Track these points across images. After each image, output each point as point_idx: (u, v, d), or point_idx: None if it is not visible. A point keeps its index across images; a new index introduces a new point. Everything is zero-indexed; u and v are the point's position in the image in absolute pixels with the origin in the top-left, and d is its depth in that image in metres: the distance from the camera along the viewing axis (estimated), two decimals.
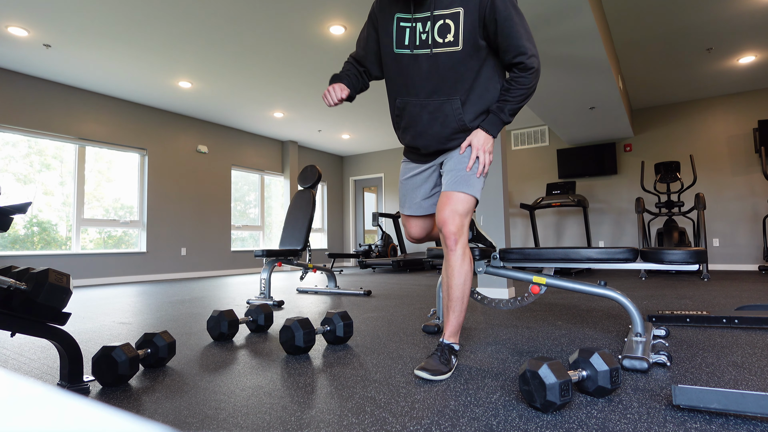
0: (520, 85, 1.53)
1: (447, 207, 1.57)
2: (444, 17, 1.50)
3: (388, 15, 1.61)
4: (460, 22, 1.49)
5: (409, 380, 1.46)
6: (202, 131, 7.21)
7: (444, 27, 1.51)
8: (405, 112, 1.64)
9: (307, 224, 3.87)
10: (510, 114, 1.56)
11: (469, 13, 1.48)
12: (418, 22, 1.54)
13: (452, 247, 1.56)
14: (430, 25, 1.52)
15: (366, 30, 1.71)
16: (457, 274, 1.55)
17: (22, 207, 1.26)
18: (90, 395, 1.39)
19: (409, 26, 1.56)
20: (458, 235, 1.55)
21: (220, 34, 4.35)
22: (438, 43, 1.52)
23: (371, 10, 1.70)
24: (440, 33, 1.51)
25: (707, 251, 3.32)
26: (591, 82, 4.84)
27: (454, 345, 1.56)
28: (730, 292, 3.65)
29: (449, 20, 1.50)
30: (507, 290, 3.64)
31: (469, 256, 1.58)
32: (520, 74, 1.52)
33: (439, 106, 1.58)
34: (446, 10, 1.50)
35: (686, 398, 1.11)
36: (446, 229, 1.56)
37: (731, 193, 6.36)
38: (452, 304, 1.57)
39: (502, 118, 1.56)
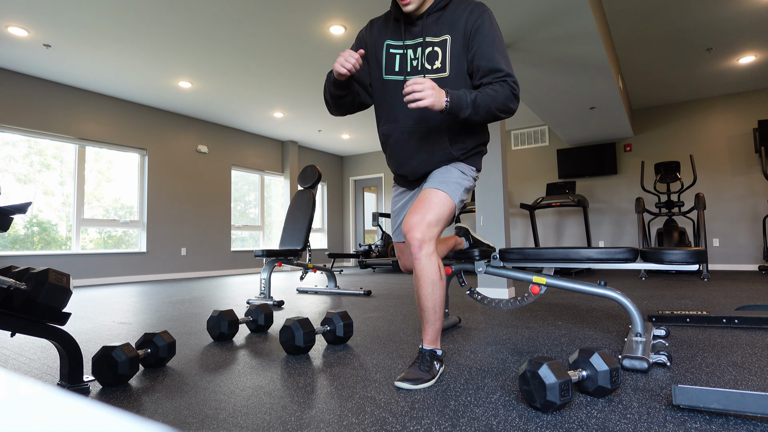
0: (492, 90, 1.43)
1: (417, 213, 1.49)
2: (433, 44, 1.52)
3: (378, 41, 1.62)
4: (447, 49, 1.51)
5: None
6: (202, 131, 7.21)
7: (432, 54, 1.53)
8: (391, 138, 1.63)
9: (307, 224, 3.87)
10: (473, 103, 1.40)
11: (455, 40, 1.50)
12: (408, 48, 1.56)
13: (416, 255, 1.46)
14: (420, 51, 1.54)
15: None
16: (425, 284, 1.47)
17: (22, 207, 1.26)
18: (90, 395, 1.39)
19: (400, 53, 1.57)
20: (423, 242, 1.45)
21: (221, 34, 4.35)
22: (427, 69, 1.53)
23: (358, 36, 1.70)
24: (429, 60, 1.53)
25: (707, 251, 3.32)
26: (591, 82, 4.84)
27: (436, 350, 1.49)
28: (730, 292, 3.65)
29: (437, 47, 1.52)
30: (507, 290, 3.64)
31: (437, 264, 1.48)
32: (500, 84, 1.45)
33: (426, 133, 1.56)
34: (435, 38, 1.52)
35: (686, 398, 1.11)
36: (410, 235, 1.47)
37: (731, 193, 6.36)
38: (425, 314, 1.49)
39: (467, 99, 1.39)
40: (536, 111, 5.83)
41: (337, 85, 1.56)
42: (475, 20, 1.49)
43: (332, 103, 1.64)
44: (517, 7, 3.28)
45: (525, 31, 3.66)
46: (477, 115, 1.43)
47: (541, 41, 3.85)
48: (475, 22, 1.49)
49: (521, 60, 4.27)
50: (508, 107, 1.46)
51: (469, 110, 1.41)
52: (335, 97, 1.61)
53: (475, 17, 1.49)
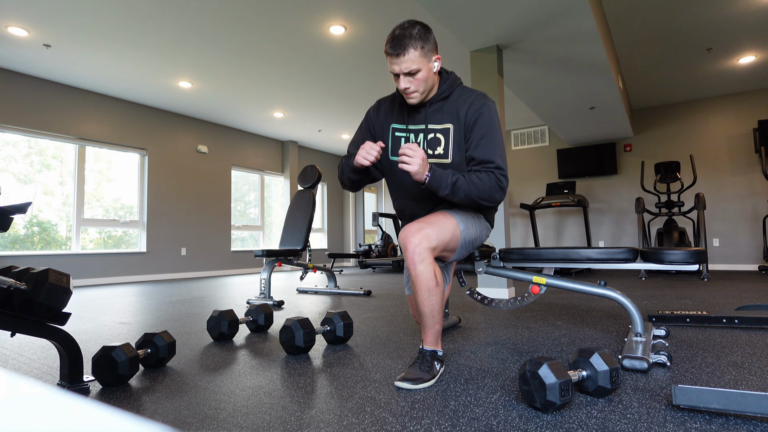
0: (480, 180, 1.49)
1: (418, 223, 1.51)
2: (435, 131, 1.60)
3: (385, 123, 1.71)
4: (450, 137, 1.58)
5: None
6: (202, 131, 7.21)
7: (435, 140, 1.60)
8: (405, 211, 1.75)
9: (307, 224, 3.87)
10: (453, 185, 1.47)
11: (457, 129, 1.58)
12: (411, 133, 1.64)
13: (410, 259, 1.46)
14: (422, 136, 1.62)
15: (362, 133, 1.78)
16: (419, 290, 1.47)
17: (22, 207, 1.26)
18: (90, 395, 1.39)
19: (404, 136, 1.66)
20: (417, 248, 1.45)
21: (221, 34, 4.35)
22: (429, 155, 1.61)
23: (367, 115, 1.78)
24: (431, 145, 1.61)
25: (707, 251, 3.32)
26: (591, 82, 4.84)
27: (436, 351, 1.50)
28: (730, 292, 3.65)
29: (440, 135, 1.60)
30: (507, 290, 3.64)
31: (433, 270, 1.47)
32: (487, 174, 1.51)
33: (434, 205, 1.67)
34: (438, 125, 1.60)
35: (686, 398, 1.11)
36: (406, 241, 1.48)
37: (731, 193, 6.36)
38: (424, 320, 1.50)
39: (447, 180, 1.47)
40: (536, 111, 5.83)
41: (356, 171, 1.65)
42: (475, 111, 1.56)
43: (349, 185, 1.74)
44: (517, 7, 3.28)
45: (525, 31, 3.66)
46: (455, 196, 1.50)
47: (541, 41, 3.85)
48: (476, 113, 1.55)
49: (521, 60, 4.27)
50: (491, 197, 1.52)
51: (448, 191, 1.48)
52: (354, 181, 1.71)
53: (476, 108, 1.56)
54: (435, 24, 4.22)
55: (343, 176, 1.72)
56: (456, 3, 3.21)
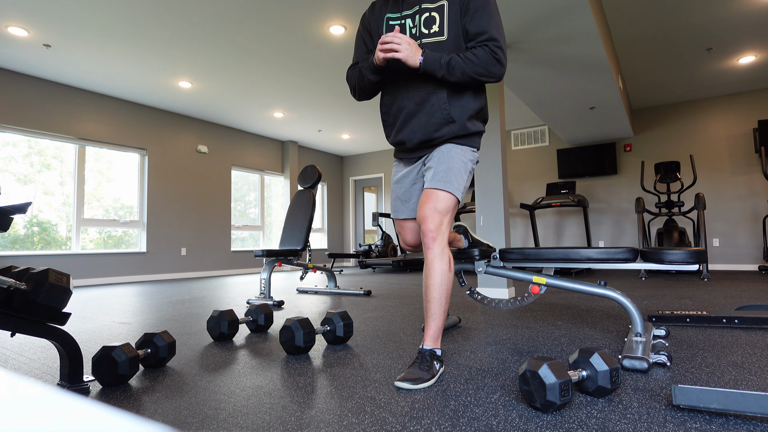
0: (475, 55, 1.48)
1: (427, 204, 1.54)
2: (430, 10, 1.58)
3: (379, 17, 1.69)
4: (444, 13, 1.56)
5: None
6: (202, 131, 7.21)
7: (430, 19, 1.58)
8: (393, 106, 1.66)
9: (307, 224, 3.87)
10: (448, 65, 1.47)
11: (452, 4, 1.55)
12: (407, 18, 1.62)
13: (429, 245, 1.51)
14: (417, 18, 1.60)
15: (360, 37, 1.75)
16: (434, 274, 1.50)
17: (22, 207, 1.26)
18: (90, 395, 1.39)
19: (398, 23, 1.63)
20: (436, 233, 1.51)
21: (221, 34, 4.35)
22: (424, 34, 1.58)
23: (362, 19, 1.76)
24: (426, 24, 1.58)
25: (707, 251, 3.32)
26: (591, 82, 4.84)
27: (435, 350, 1.50)
28: (730, 292, 3.65)
29: (435, 12, 1.57)
30: (507, 290, 3.64)
31: (448, 256, 1.53)
32: (482, 48, 1.49)
33: (426, 96, 1.58)
34: (432, 4, 1.58)
35: (686, 398, 1.11)
36: (425, 226, 1.52)
37: (731, 193, 6.36)
38: (430, 306, 1.51)
39: (441, 60, 1.47)
40: (536, 111, 5.83)
41: (377, 71, 1.59)
42: None
43: (368, 89, 1.67)
44: (517, 7, 3.28)
45: (525, 31, 3.66)
46: (452, 76, 1.49)
47: (541, 41, 3.85)
48: None
49: (521, 60, 4.27)
50: (489, 71, 1.49)
51: (443, 70, 1.48)
52: (373, 83, 1.64)
53: None
54: None
55: (362, 81, 1.65)
56: None
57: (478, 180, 3.91)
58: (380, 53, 1.49)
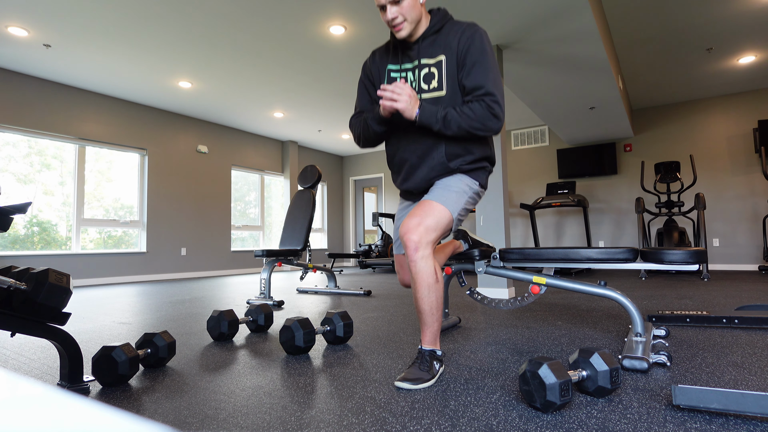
0: (471, 110, 1.48)
1: (415, 217, 1.50)
2: (429, 66, 1.59)
3: (381, 67, 1.71)
4: (443, 69, 1.57)
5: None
6: (202, 131, 7.21)
7: (429, 75, 1.59)
8: (396, 157, 1.70)
9: (307, 224, 3.87)
10: (444, 119, 1.48)
11: (450, 60, 1.56)
12: (407, 71, 1.64)
13: (411, 256, 1.46)
14: (417, 73, 1.61)
15: (363, 85, 1.77)
16: (421, 288, 1.47)
17: (22, 207, 1.26)
18: (90, 395, 1.39)
19: (398, 76, 1.65)
20: (419, 244, 1.45)
21: (221, 34, 4.35)
22: (424, 89, 1.60)
23: (364, 68, 1.78)
24: (425, 80, 1.60)
25: (707, 251, 3.32)
26: (591, 82, 4.84)
27: (435, 350, 1.50)
28: (730, 292, 3.65)
29: (433, 68, 1.58)
30: (507, 290, 3.64)
31: (434, 267, 1.48)
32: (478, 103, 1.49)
33: (427, 150, 1.61)
34: (431, 59, 1.59)
35: (686, 398, 1.11)
36: (407, 237, 1.47)
37: (731, 193, 6.36)
38: (423, 317, 1.49)
39: (437, 114, 1.49)
40: (536, 111, 5.83)
41: (382, 122, 1.62)
42: (467, 39, 1.54)
43: (374, 138, 1.70)
44: (517, 7, 3.28)
45: (525, 31, 3.66)
46: (448, 130, 1.50)
47: (541, 41, 3.85)
48: (467, 41, 1.54)
49: (521, 60, 4.27)
50: (485, 126, 1.50)
51: (439, 124, 1.50)
52: (379, 133, 1.67)
53: (467, 37, 1.54)
54: None
55: (367, 131, 1.67)
56: (456, 3, 3.21)
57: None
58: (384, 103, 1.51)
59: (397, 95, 1.47)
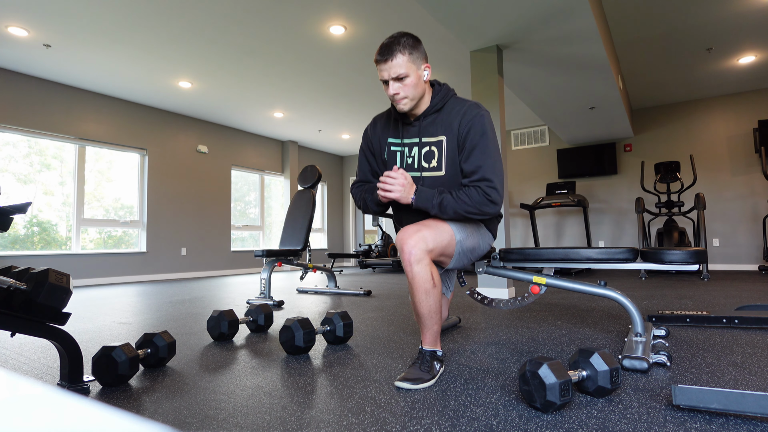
0: (467, 195, 1.50)
1: (415, 225, 1.52)
2: (429, 144, 1.61)
3: (382, 139, 1.72)
4: (443, 150, 1.58)
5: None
6: (202, 131, 7.21)
7: (429, 153, 1.61)
8: (403, 222, 1.75)
9: (307, 224, 3.87)
10: (440, 205, 1.51)
11: (450, 141, 1.58)
12: (406, 147, 1.65)
13: (408, 262, 1.46)
14: (417, 150, 1.63)
15: (363, 154, 1.80)
16: (416, 292, 1.47)
17: (22, 207, 1.26)
18: (90, 395, 1.39)
19: (399, 150, 1.67)
20: (415, 249, 1.45)
21: (221, 34, 4.35)
22: (424, 168, 1.62)
23: (365, 135, 1.79)
24: (426, 158, 1.62)
25: (707, 251, 3.32)
26: (591, 82, 4.84)
27: (436, 351, 1.50)
28: (730, 292, 3.65)
29: (434, 147, 1.60)
30: (507, 290, 3.64)
31: (431, 272, 1.48)
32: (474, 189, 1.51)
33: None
34: (432, 138, 1.60)
35: (686, 398, 1.11)
36: (403, 242, 1.48)
37: (731, 193, 6.36)
38: (422, 320, 1.50)
39: (433, 200, 1.52)
40: (536, 111, 5.83)
41: (382, 205, 1.67)
42: (467, 122, 1.55)
43: (373, 214, 1.76)
44: (517, 7, 3.28)
45: (525, 31, 3.66)
46: (444, 214, 1.53)
47: (541, 41, 3.85)
48: (468, 123, 1.55)
49: (521, 60, 4.27)
50: (481, 210, 1.52)
51: (435, 210, 1.53)
52: (377, 212, 1.73)
53: (468, 119, 1.55)
54: (435, 24, 4.22)
55: (367, 209, 1.75)
56: (456, 3, 3.21)
57: None
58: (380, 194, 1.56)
59: (389, 186, 1.51)
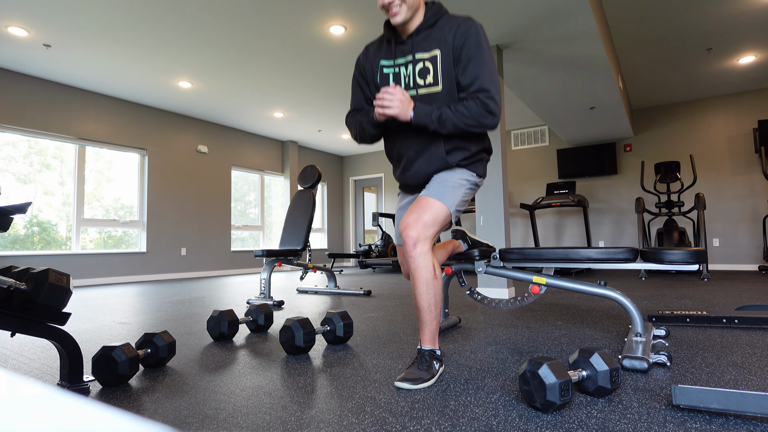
0: (465, 108, 1.47)
1: (413, 213, 1.52)
2: (423, 60, 1.57)
3: (374, 63, 1.68)
4: (438, 64, 1.54)
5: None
6: (202, 131, 7.21)
7: (424, 70, 1.57)
8: (393, 151, 1.71)
9: (307, 224, 3.87)
10: (439, 119, 1.48)
11: (445, 54, 1.53)
12: (400, 66, 1.62)
13: (410, 252, 1.48)
14: (411, 67, 1.59)
15: (356, 82, 1.76)
16: (419, 283, 1.48)
17: (22, 207, 1.26)
18: (90, 395, 1.39)
19: (392, 71, 1.63)
20: (418, 240, 1.47)
21: (221, 34, 4.35)
22: (419, 84, 1.58)
23: (357, 63, 1.75)
24: (420, 75, 1.58)
25: (707, 251, 3.32)
26: (591, 82, 4.84)
27: (435, 350, 1.50)
28: (730, 292, 3.65)
29: (428, 63, 1.56)
30: (507, 290, 3.64)
31: (432, 263, 1.49)
32: (472, 101, 1.48)
33: (425, 145, 1.61)
34: (425, 53, 1.56)
35: (686, 398, 1.11)
36: (405, 233, 1.48)
37: (731, 193, 6.36)
38: (421, 314, 1.50)
39: (432, 115, 1.48)
40: (536, 111, 5.83)
41: (377, 125, 1.62)
42: (462, 34, 1.52)
43: (370, 139, 1.70)
44: (517, 7, 3.28)
45: (525, 31, 3.66)
46: (444, 129, 1.50)
47: (541, 41, 3.85)
48: (462, 36, 1.52)
49: (521, 60, 4.27)
50: (480, 123, 1.48)
51: (434, 125, 1.49)
52: (374, 135, 1.67)
53: (463, 31, 1.52)
54: None
55: (363, 133, 1.67)
56: (456, 3, 3.21)
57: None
58: (377, 111, 1.50)
59: (388, 102, 1.46)
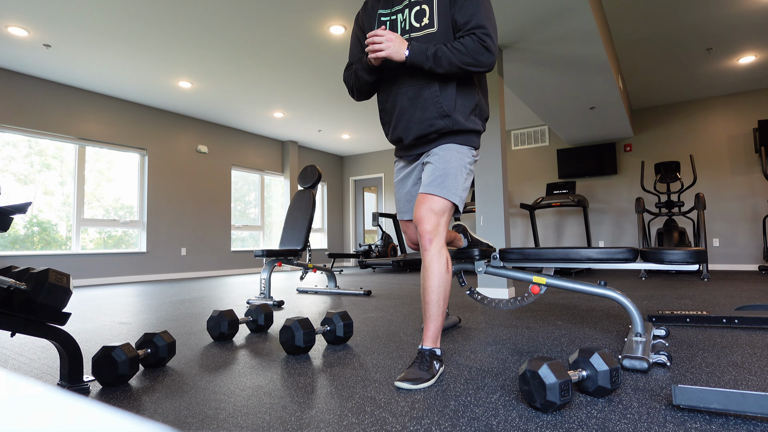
0: (462, 44, 1.46)
1: (423, 205, 1.53)
2: (420, 3, 1.57)
3: (372, 14, 1.69)
4: (434, 6, 1.55)
5: None
6: (202, 131, 7.21)
7: (420, 12, 1.57)
8: (387, 103, 1.66)
9: (307, 224, 3.87)
10: (434, 56, 1.45)
11: None
12: (397, 14, 1.62)
13: (426, 247, 1.51)
14: (408, 12, 1.59)
15: (355, 36, 1.74)
16: (432, 276, 1.50)
17: (22, 207, 1.26)
18: (90, 395, 1.39)
19: (389, 19, 1.63)
20: (433, 234, 1.51)
21: (221, 34, 4.35)
22: (415, 27, 1.58)
23: (356, 18, 1.75)
24: (417, 18, 1.58)
25: (707, 251, 3.32)
26: (591, 82, 4.84)
27: (435, 350, 1.50)
28: (730, 292, 3.65)
29: (425, 5, 1.57)
30: (507, 290, 3.64)
31: (446, 257, 1.53)
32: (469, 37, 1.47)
33: (419, 90, 1.57)
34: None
35: (686, 398, 1.11)
36: (421, 227, 1.52)
37: (731, 193, 6.36)
38: (428, 307, 1.51)
39: (427, 52, 1.46)
40: (536, 111, 5.83)
41: (372, 71, 1.60)
42: None
43: (366, 89, 1.68)
44: (517, 7, 3.28)
45: (525, 31, 3.66)
46: (439, 67, 1.47)
47: (541, 41, 3.85)
48: None
49: (521, 60, 4.27)
50: (477, 60, 1.46)
51: (430, 62, 1.47)
52: (370, 83, 1.64)
53: None
54: None
55: (358, 82, 1.65)
56: None
57: (478, 180, 3.91)
58: (370, 55, 1.49)
59: (378, 44, 1.45)
